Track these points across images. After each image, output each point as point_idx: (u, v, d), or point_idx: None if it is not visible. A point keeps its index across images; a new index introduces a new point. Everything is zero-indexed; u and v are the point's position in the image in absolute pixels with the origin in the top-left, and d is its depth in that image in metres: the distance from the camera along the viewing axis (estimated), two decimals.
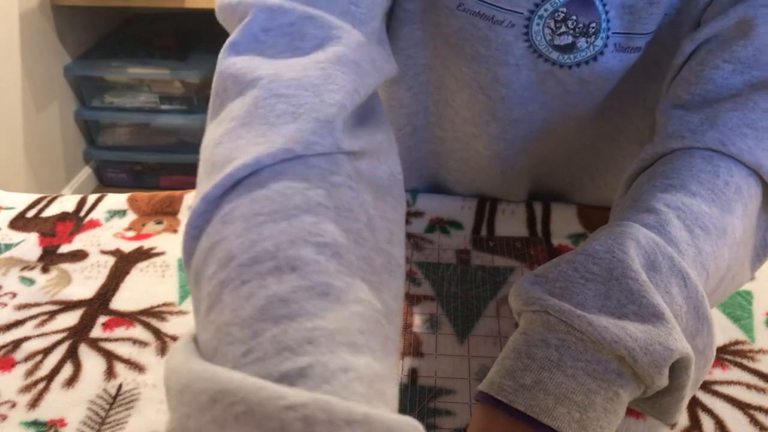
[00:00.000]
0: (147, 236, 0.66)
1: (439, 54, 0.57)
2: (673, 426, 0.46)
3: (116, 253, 0.64)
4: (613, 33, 0.51)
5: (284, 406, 0.24)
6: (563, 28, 0.51)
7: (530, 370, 0.34)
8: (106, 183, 2.38)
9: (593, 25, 0.50)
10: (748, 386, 0.49)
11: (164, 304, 0.57)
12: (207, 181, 0.33)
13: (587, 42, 0.51)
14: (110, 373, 0.51)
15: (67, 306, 0.57)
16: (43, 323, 0.55)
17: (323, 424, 0.23)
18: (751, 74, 0.45)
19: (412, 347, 0.52)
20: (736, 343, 0.53)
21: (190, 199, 0.71)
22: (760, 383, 0.49)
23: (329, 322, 0.27)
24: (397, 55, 0.55)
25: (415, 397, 0.48)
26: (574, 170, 0.68)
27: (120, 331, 0.55)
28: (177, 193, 0.72)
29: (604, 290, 0.36)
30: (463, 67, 0.55)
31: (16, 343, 0.53)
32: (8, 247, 0.65)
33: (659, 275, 0.36)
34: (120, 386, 0.50)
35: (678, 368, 0.35)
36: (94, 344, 0.53)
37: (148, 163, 2.31)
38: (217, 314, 0.29)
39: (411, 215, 0.68)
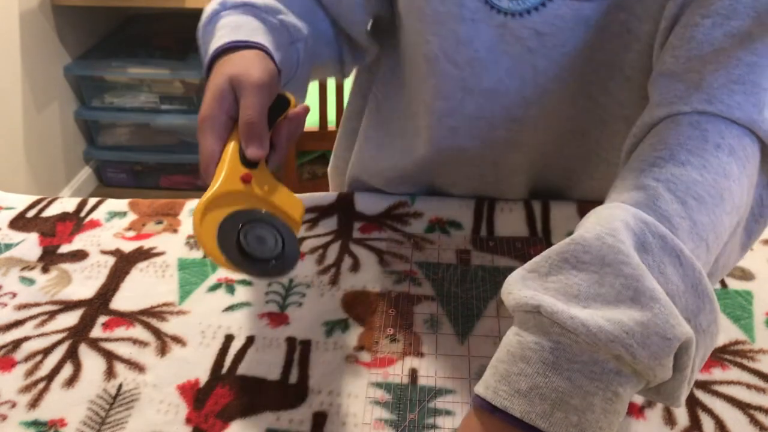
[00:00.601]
0: (147, 236, 0.66)
1: (409, 40, 0.60)
2: (673, 426, 0.46)
3: (116, 253, 0.64)
4: None
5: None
6: None
7: (525, 374, 0.33)
8: (106, 183, 2.38)
9: None
10: (748, 386, 0.49)
11: (164, 304, 0.57)
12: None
13: None
14: (110, 373, 0.51)
15: (67, 306, 0.57)
16: (43, 323, 0.55)
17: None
18: (730, 25, 0.42)
19: (412, 347, 0.52)
20: (736, 343, 0.53)
21: (191, 204, 0.71)
22: (760, 383, 0.49)
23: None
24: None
25: (415, 397, 0.48)
26: (567, 162, 0.67)
27: (120, 331, 0.55)
28: (179, 201, 0.72)
29: (598, 278, 0.34)
30: (428, 35, 0.57)
31: (16, 343, 0.53)
32: (8, 247, 0.65)
33: (651, 256, 0.35)
34: (120, 386, 0.50)
35: (679, 350, 0.34)
36: (94, 344, 0.53)
37: (148, 163, 2.31)
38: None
39: (410, 216, 0.68)
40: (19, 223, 0.68)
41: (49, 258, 0.63)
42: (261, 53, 0.50)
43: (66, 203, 0.71)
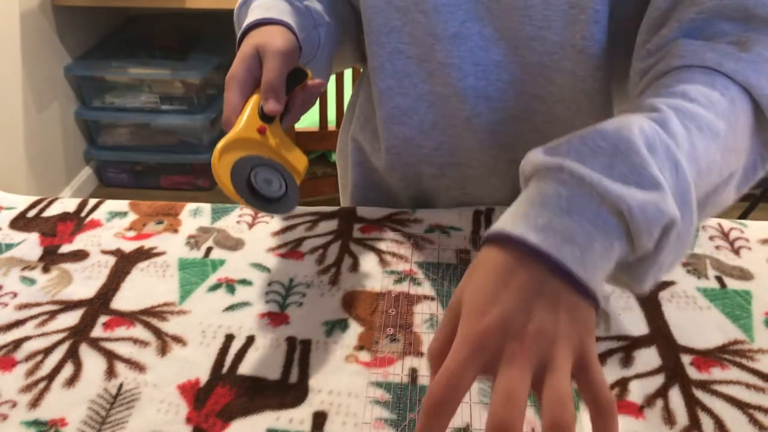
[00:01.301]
0: (147, 236, 0.66)
1: None
2: (673, 425, 0.46)
3: (117, 252, 0.64)
4: None
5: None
6: None
7: (542, 215, 0.40)
8: (106, 183, 2.38)
9: None
10: (748, 386, 0.49)
11: (165, 304, 0.57)
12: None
13: None
14: (111, 373, 0.51)
15: (68, 306, 0.57)
16: (43, 323, 0.55)
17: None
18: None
19: (412, 347, 0.52)
20: (736, 342, 0.53)
21: (192, 206, 0.71)
22: (760, 383, 0.49)
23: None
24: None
25: (415, 396, 0.48)
26: (523, 145, 0.68)
27: (120, 331, 0.55)
28: (179, 204, 0.72)
29: (610, 162, 0.40)
30: None
31: (17, 343, 0.53)
32: (9, 247, 0.65)
33: (656, 158, 0.41)
34: (120, 386, 0.50)
35: (663, 230, 0.40)
36: (95, 344, 0.53)
37: (149, 163, 2.31)
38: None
39: (411, 222, 0.68)
40: (20, 223, 0.68)
41: (49, 258, 0.63)
42: (285, 29, 0.58)
43: (66, 203, 0.71)
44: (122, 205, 0.71)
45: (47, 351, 0.53)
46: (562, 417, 0.35)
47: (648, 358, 0.51)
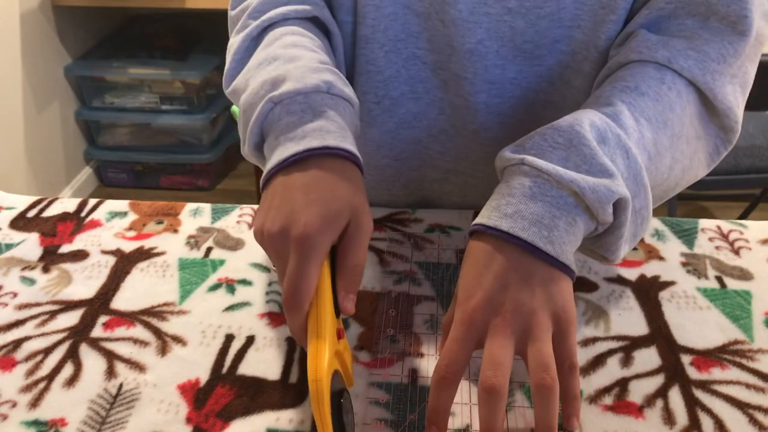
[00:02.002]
0: (148, 236, 0.66)
1: None
2: (672, 426, 0.46)
3: (117, 252, 0.64)
4: None
5: (277, 72, 0.52)
6: None
7: (511, 204, 0.46)
8: (106, 183, 2.38)
9: None
10: (747, 386, 0.49)
11: (165, 304, 0.57)
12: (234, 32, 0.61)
13: None
14: (111, 373, 0.51)
15: (68, 306, 0.57)
16: (43, 323, 0.55)
17: (293, 69, 0.52)
18: (692, 5, 0.54)
19: (412, 347, 0.53)
20: (735, 342, 0.53)
21: (192, 206, 0.71)
22: (759, 383, 0.49)
23: (296, 66, 0.52)
24: (366, 8, 0.62)
25: (415, 397, 0.48)
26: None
27: (120, 331, 0.55)
28: (179, 204, 0.72)
29: (566, 155, 0.47)
30: None
31: (17, 343, 0.53)
32: (9, 246, 0.65)
33: (607, 147, 0.48)
34: (120, 386, 0.50)
35: (618, 209, 0.47)
36: (95, 344, 0.53)
37: (149, 163, 2.31)
38: (248, 90, 0.52)
39: (411, 221, 0.68)
40: (20, 223, 0.69)
41: (49, 258, 0.63)
42: (360, 175, 0.49)
43: (66, 203, 0.71)
44: (122, 205, 0.71)
45: (47, 351, 0.53)
46: (544, 379, 0.41)
47: (648, 358, 0.52)
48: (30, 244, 0.65)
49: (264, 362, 0.52)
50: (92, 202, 0.72)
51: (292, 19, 0.60)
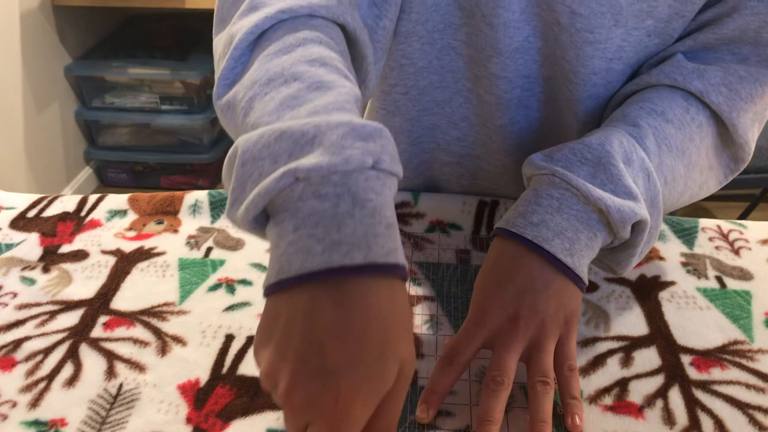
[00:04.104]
0: (148, 236, 0.66)
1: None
2: (673, 426, 0.46)
3: (117, 253, 0.64)
4: None
5: (302, 124, 0.36)
6: None
7: (537, 213, 0.48)
8: (106, 183, 2.38)
9: None
10: (748, 386, 0.49)
11: (165, 304, 0.57)
12: (224, 55, 0.46)
13: None
14: (111, 373, 0.51)
15: (68, 306, 0.57)
16: (43, 323, 0.55)
17: (325, 127, 0.36)
18: (735, 45, 0.55)
19: None
20: (735, 342, 0.53)
21: (190, 200, 0.71)
22: (760, 383, 0.49)
23: (325, 101, 0.39)
24: (411, 2, 0.58)
25: (415, 397, 0.48)
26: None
27: (120, 331, 0.55)
28: (178, 193, 0.72)
29: (593, 172, 0.49)
30: None
31: (17, 343, 0.53)
32: (9, 247, 0.65)
33: (632, 168, 0.50)
34: (120, 386, 0.50)
35: (636, 229, 0.49)
36: (95, 344, 0.53)
37: (149, 163, 2.31)
38: (251, 117, 0.40)
39: (412, 216, 0.68)
40: (20, 223, 0.68)
41: (49, 258, 0.63)
42: (407, 295, 0.38)
43: (66, 202, 0.71)
44: (121, 200, 0.71)
45: (47, 351, 0.53)
46: (542, 380, 0.45)
47: (648, 358, 0.52)
48: (30, 244, 0.65)
49: None
50: (92, 199, 0.72)
51: (319, 18, 0.46)
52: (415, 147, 0.71)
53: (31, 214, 0.70)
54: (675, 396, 0.48)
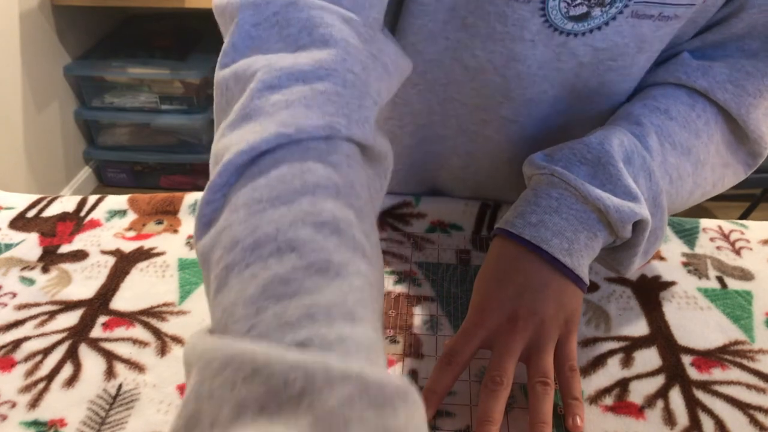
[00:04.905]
0: (147, 236, 0.66)
1: (450, 45, 0.55)
2: (673, 426, 0.46)
3: (116, 253, 0.64)
4: (634, 2, 0.50)
5: (288, 365, 0.25)
6: (578, 0, 0.51)
7: (536, 213, 0.48)
8: (106, 183, 2.38)
9: None
10: (748, 386, 0.49)
11: (164, 304, 0.57)
12: (212, 173, 0.35)
13: (602, 11, 0.51)
14: (110, 373, 0.51)
15: (67, 306, 0.57)
16: (43, 323, 0.55)
17: (322, 380, 0.24)
18: (744, 41, 0.54)
19: (412, 348, 0.52)
20: (736, 343, 0.53)
21: (190, 200, 0.71)
22: (760, 383, 0.49)
23: (327, 297, 0.28)
24: (407, 49, 0.54)
25: None
26: None
27: (120, 331, 0.55)
28: (177, 194, 0.72)
29: (592, 172, 0.49)
30: (477, 50, 0.55)
31: (16, 343, 0.53)
32: (8, 247, 0.65)
33: (632, 167, 0.49)
34: (120, 386, 0.50)
35: (637, 228, 0.49)
36: (94, 344, 0.53)
37: (148, 163, 2.31)
38: (224, 296, 0.31)
39: (413, 217, 0.68)
40: (19, 223, 0.68)
41: (49, 258, 0.63)
42: None
43: (66, 202, 0.71)
44: (121, 201, 0.71)
45: (46, 351, 0.53)
46: (542, 381, 0.44)
47: (648, 358, 0.51)
48: (29, 244, 0.65)
49: None
50: (92, 199, 0.71)
51: (339, 140, 0.35)
52: (416, 168, 0.70)
53: (31, 214, 0.70)
54: (675, 396, 0.48)
